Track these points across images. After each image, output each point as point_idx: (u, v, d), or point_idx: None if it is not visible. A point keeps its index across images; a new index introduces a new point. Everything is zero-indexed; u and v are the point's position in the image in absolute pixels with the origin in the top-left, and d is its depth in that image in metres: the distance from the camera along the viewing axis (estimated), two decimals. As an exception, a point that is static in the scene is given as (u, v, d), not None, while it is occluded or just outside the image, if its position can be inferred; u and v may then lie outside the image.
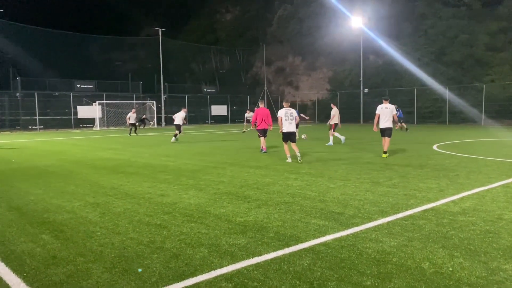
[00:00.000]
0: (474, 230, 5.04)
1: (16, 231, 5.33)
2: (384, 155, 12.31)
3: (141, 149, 16.93)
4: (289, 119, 11.53)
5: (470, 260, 4.07)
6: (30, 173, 10.41)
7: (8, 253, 4.48)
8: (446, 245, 4.51)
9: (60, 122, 37.99)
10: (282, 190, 7.61)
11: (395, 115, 12.34)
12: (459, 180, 8.36)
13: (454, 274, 3.74)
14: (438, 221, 5.44)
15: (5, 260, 4.28)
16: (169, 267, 4.01)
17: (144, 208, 6.41)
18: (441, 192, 7.21)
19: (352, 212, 5.93)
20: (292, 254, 4.30)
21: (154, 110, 42.03)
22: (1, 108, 34.79)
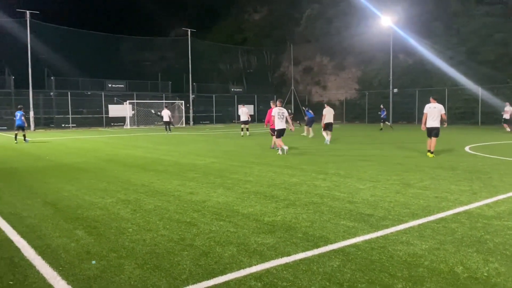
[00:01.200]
0: (510, 234, 4.89)
1: (51, 226, 5.49)
2: (430, 155, 12.33)
3: (170, 147, 17.19)
4: (281, 117, 13.48)
5: (507, 266, 3.95)
6: (63, 170, 10.71)
7: (44, 247, 4.62)
8: (481, 249, 4.39)
9: (92, 121, 38.91)
10: (310, 191, 7.57)
11: (444, 115, 12.27)
12: (492, 183, 8.12)
13: (490, 280, 3.64)
14: (472, 224, 5.29)
15: (41, 254, 4.42)
16: (199, 264, 4.06)
17: (174, 206, 6.50)
18: (474, 195, 7.02)
19: (382, 214, 5.84)
20: (321, 255, 4.27)
21: (182, 110, 42.53)
22: (36, 106, 35.88)
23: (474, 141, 18.01)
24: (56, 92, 37.72)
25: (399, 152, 14.08)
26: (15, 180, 9.29)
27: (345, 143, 17.81)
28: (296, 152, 14.10)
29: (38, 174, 10.17)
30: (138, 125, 39.51)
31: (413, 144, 16.87)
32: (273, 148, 14.95)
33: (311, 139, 19.78)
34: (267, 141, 17.72)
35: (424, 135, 13.00)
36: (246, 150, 15.39)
